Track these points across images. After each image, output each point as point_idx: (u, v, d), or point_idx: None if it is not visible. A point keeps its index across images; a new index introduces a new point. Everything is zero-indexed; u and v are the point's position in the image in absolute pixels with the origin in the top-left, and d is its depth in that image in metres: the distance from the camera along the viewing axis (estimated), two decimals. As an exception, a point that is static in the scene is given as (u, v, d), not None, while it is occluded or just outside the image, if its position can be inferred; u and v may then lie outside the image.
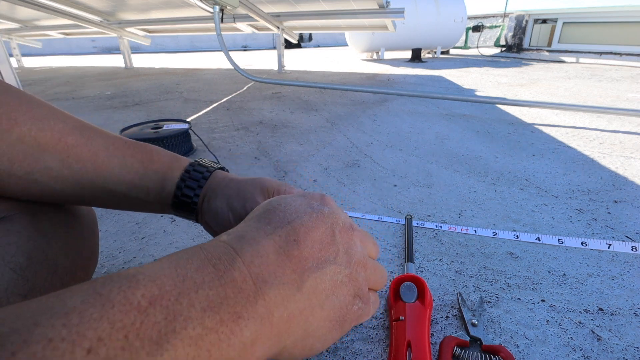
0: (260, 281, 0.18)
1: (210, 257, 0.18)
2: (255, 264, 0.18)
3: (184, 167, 0.31)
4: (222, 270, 0.17)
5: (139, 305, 0.14)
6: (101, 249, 0.54)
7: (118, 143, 0.29)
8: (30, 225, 0.27)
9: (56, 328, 0.12)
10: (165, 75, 2.82)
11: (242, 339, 0.17)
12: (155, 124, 0.99)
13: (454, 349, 0.35)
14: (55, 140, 0.26)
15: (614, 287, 0.45)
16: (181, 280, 0.16)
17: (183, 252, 0.18)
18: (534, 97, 1.74)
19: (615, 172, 0.81)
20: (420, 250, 0.53)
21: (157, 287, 0.15)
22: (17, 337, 0.12)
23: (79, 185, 0.28)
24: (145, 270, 0.16)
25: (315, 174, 0.83)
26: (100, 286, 0.14)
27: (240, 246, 0.19)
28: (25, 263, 0.25)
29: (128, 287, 0.14)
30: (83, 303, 0.13)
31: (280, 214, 0.22)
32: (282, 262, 0.19)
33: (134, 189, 0.30)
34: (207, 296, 0.16)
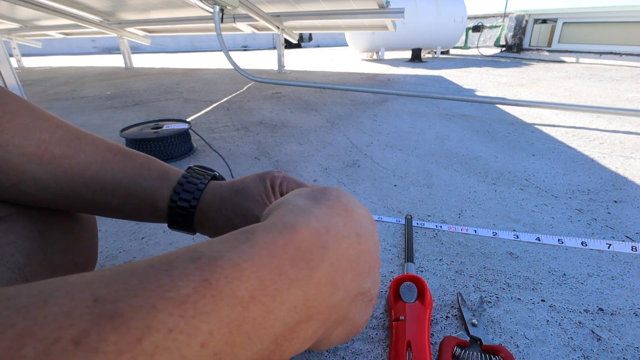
0: (334, 287, 0.19)
1: (303, 248, 0.17)
2: (334, 267, 0.19)
3: (173, 187, 0.30)
4: (313, 268, 0.17)
5: (242, 299, 0.14)
6: (101, 249, 0.54)
7: (107, 156, 0.28)
8: (28, 224, 0.27)
9: (174, 318, 0.12)
10: (165, 75, 2.82)
11: (306, 337, 0.18)
12: (155, 124, 0.99)
13: (454, 349, 0.35)
14: (41, 151, 0.26)
15: (614, 287, 0.45)
16: (278, 274, 0.16)
17: (277, 232, 0.17)
18: (534, 97, 1.74)
19: (615, 172, 0.81)
20: (420, 250, 0.53)
21: (259, 280, 0.15)
22: (141, 322, 0.12)
23: (69, 197, 0.28)
24: (246, 255, 0.16)
25: (315, 174, 0.83)
26: (207, 271, 0.14)
27: (328, 243, 0.19)
28: (23, 262, 0.25)
29: (234, 277, 0.14)
30: (195, 292, 0.13)
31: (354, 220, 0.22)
32: (348, 271, 0.20)
33: (124, 204, 0.29)
34: (296, 296, 0.16)
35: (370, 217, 0.24)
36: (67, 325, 0.11)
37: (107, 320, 0.11)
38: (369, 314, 0.24)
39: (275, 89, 2.06)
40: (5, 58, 0.96)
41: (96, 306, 0.11)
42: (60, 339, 0.10)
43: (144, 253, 0.53)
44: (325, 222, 0.20)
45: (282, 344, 0.16)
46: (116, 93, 2.00)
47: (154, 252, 0.53)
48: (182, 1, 2.17)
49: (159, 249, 0.54)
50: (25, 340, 0.10)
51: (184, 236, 0.57)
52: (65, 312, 0.11)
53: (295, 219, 0.19)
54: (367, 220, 0.23)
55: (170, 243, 0.55)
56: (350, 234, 0.21)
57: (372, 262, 0.23)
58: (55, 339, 0.10)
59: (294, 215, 0.19)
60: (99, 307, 0.11)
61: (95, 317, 0.11)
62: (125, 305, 0.12)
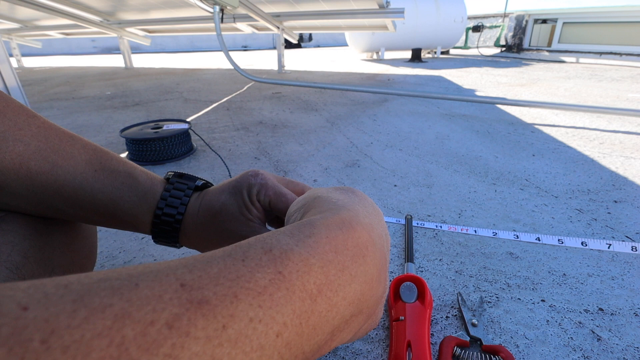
0: (379, 281, 0.19)
1: (360, 245, 0.18)
2: (378, 262, 0.19)
3: (154, 212, 0.29)
4: (368, 264, 0.18)
5: (311, 293, 0.15)
6: (101, 249, 0.54)
7: (86, 173, 0.27)
8: (26, 224, 0.27)
9: (254, 308, 0.13)
10: (165, 75, 2.82)
11: (357, 327, 0.19)
12: (155, 124, 0.99)
13: (454, 349, 0.35)
14: (16, 165, 0.25)
15: (614, 287, 0.45)
16: (341, 269, 0.17)
17: (337, 229, 0.18)
18: (534, 97, 1.74)
19: (615, 172, 0.81)
20: (420, 250, 0.53)
21: (325, 275, 0.16)
22: (225, 310, 0.12)
23: (50, 209, 0.28)
24: (313, 250, 0.16)
25: (315, 174, 0.82)
26: (280, 264, 0.15)
27: (374, 239, 0.19)
28: (21, 262, 0.25)
29: (304, 271, 0.15)
30: (271, 284, 0.14)
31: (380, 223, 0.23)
32: (385, 264, 0.21)
33: (105, 220, 0.29)
34: (355, 291, 0.17)
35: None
36: (160, 308, 0.11)
37: (195, 307, 0.12)
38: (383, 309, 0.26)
39: (275, 89, 2.06)
40: (5, 58, 0.96)
41: (184, 291, 0.12)
42: (155, 321, 0.11)
43: (143, 253, 0.53)
44: (369, 219, 0.21)
45: (336, 335, 0.17)
46: (116, 93, 2.00)
47: (154, 252, 0.53)
48: (182, 1, 2.17)
49: (159, 248, 0.54)
50: (124, 320, 0.10)
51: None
52: (156, 296, 0.11)
53: (349, 214, 0.19)
54: (382, 216, 0.24)
55: (170, 243, 0.55)
56: (383, 232, 0.22)
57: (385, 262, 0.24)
58: (151, 321, 0.11)
59: (345, 211, 0.20)
60: (187, 292, 0.12)
61: (184, 302, 0.12)
62: (210, 292, 0.12)
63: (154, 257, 0.52)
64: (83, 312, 0.10)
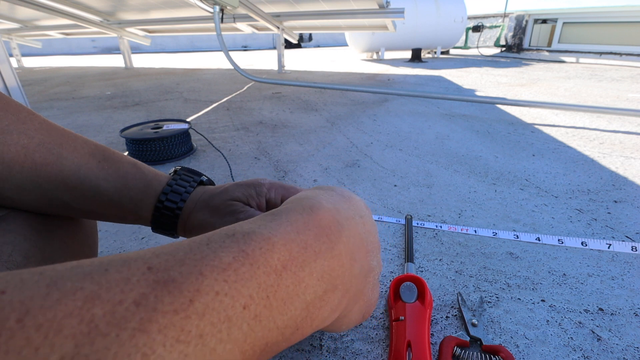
0: (353, 259, 0.21)
1: (322, 226, 0.19)
2: (350, 242, 0.21)
3: (156, 200, 0.29)
4: (334, 242, 0.19)
5: (276, 268, 0.16)
6: (101, 249, 0.54)
7: (90, 164, 0.28)
8: (26, 224, 0.27)
9: (219, 282, 0.14)
10: (165, 75, 2.82)
11: (332, 306, 0.19)
12: (155, 124, 0.99)
13: (454, 349, 0.35)
14: (21, 157, 0.25)
15: (614, 287, 0.45)
16: (304, 247, 0.18)
17: (297, 214, 0.19)
18: (534, 97, 1.74)
19: (615, 172, 0.81)
20: (420, 250, 0.53)
21: (288, 252, 0.17)
22: (191, 286, 0.13)
23: (52, 204, 0.28)
24: (274, 231, 0.17)
25: (315, 174, 0.83)
26: (243, 244, 0.16)
27: (342, 220, 0.21)
28: (22, 262, 0.25)
29: (267, 249, 0.16)
30: (235, 260, 0.15)
31: (355, 204, 0.24)
32: (361, 245, 0.22)
33: (109, 212, 0.29)
34: (322, 266, 0.18)
35: (365, 204, 0.26)
36: (127, 289, 0.12)
37: (162, 285, 0.13)
38: (377, 294, 0.27)
39: (275, 89, 2.06)
40: (5, 58, 0.96)
41: (151, 273, 0.13)
42: (123, 301, 0.12)
43: (143, 253, 0.53)
44: (334, 204, 0.22)
45: (313, 312, 0.18)
46: (116, 93, 2.00)
47: (154, 252, 0.53)
48: (182, 1, 2.17)
49: (159, 249, 0.54)
50: (94, 301, 0.11)
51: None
52: (124, 278, 0.12)
53: (311, 202, 0.21)
54: (364, 206, 0.25)
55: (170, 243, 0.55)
56: (355, 215, 0.23)
57: (375, 243, 0.25)
58: (119, 300, 0.12)
59: (308, 200, 0.21)
60: (153, 274, 0.13)
61: (151, 282, 0.13)
62: (176, 272, 0.13)
63: (154, 257, 0.52)
64: (56, 294, 0.11)
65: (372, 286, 0.25)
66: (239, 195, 0.29)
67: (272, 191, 0.31)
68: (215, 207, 0.29)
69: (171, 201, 0.29)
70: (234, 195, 0.29)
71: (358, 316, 0.25)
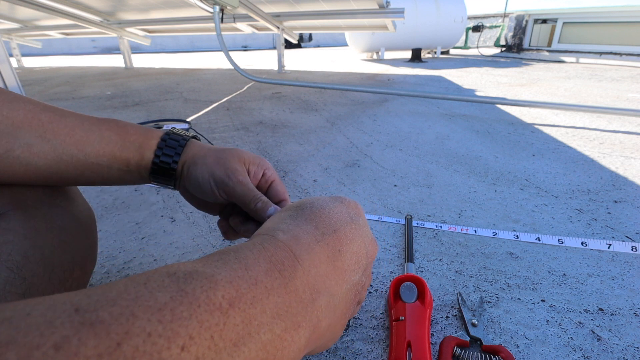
0: (315, 291, 0.19)
1: (274, 261, 0.18)
2: (311, 274, 0.19)
3: (160, 137, 0.32)
4: (287, 278, 0.18)
5: (220, 306, 0.15)
6: (101, 248, 0.54)
7: (92, 120, 0.30)
8: (26, 223, 0.27)
9: (152, 323, 0.13)
10: (165, 75, 2.82)
11: (299, 346, 0.18)
12: (155, 124, 0.99)
13: (454, 349, 0.35)
14: (29, 118, 0.27)
15: (614, 287, 0.45)
16: (254, 283, 0.17)
17: (247, 250, 0.19)
18: (534, 97, 1.74)
19: (615, 172, 0.81)
20: (420, 250, 0.53)
21: (235, 289, 0.16)
22: (120, 328, 0.12)
23: (61, 161, 0.28)
24: (219, 269, 0.16)
25: (315, 174, 0.83)
26: (183, 283, 0.15)
27: (299, 252, 0.20)
28: (21, 261, 0.25)
29: (209, 287, 0.15)
30: (172, 300, 0.14)
31: (326, 220, 0.23)
32: (329, 273, 0.21)
33: (114, 160, 0.30)
34: (276, 303, 0.17)
35: (348, 211, 0.25)
36: (48, 332, 0.11)
37: (87, 327, 0.12)
38: (363, 297, 0.26)
39: (275, 89, 2.06)
40: (5, 58, 0.96)
41: (77, 315, 0.12)
42: (42, 344, 0.11)
43: (144, 253, 0.53)
44: (293, 232, 0.21)
45: (274, 354, 0.16)
46: (116, 93, 2.00)
47: (154, 252, 0.53)
48: (182, 1, 2.17)
49: (159, 249, 0.54)
50: (8, 346, 0.11)
51: (184, 236, 0.57)
52: (47, 321, 0.12)
53: (262, 238, 0.20)
54: (344, 215, 0.24)
55: (170, 243, 0.55)
56: (325, 234, 0.21)
57: (359, 251, 0.23)
58: (37, 344, 0.11)
59: (259, 238, 0.20)
60: (80, 315, 0.12)
61: (76, 324, 0.12)
62: (105, 313, 0.12)
63: (154, 257, 0.52)
64: None
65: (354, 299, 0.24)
66: (241, 157, 0.31)
67: (267, 173, 0.33)
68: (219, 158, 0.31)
69: (173, 140, 0.32)
70: (237, 155, 0.31)
71: (341, 329, 0.24)
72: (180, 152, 0.32)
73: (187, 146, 0.32)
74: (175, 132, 0.33)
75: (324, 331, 0.21)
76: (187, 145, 0.32)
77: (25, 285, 0.25)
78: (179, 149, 0.32)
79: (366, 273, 0.24)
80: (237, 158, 0.31)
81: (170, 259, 0.51)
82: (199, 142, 0.34)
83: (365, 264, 0.24)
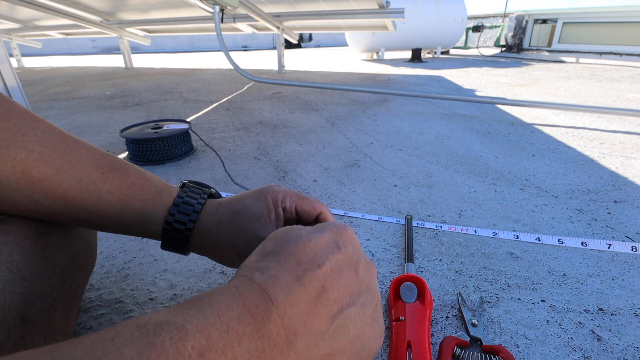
0: (292, 333, 0.19)
1: (248, 305, 0.18)
2: (288, 315, 0.19)
3: (171, 203, 0.29)
4: (260, 322, 0.18)
5: (189, 357, 0.14)
6: (101, 249, 0.54)
7: (93, 176, 0.27)
8: (26, 224, 0.27)
9: None
10: (165, 75, 2.82)
11: None
12: (155, 124, 0.99)
13: (454, 349, 0.35)
14: (17, 174, 0.24)
15: (614, 287, 0.45)
16: (225, 330, 0.16)
17: (222, 295, 0.18)
18: (534, 97, 1.74)
19: (615, 172, 0.81)
20: (420, 250, 0.53)
21: (205, 338, 0.15)
22: None
23: (52, 216, 0.27)
24: (191, 317, 0.16)
25: (315, 174, 0.82)
26: (152, 336, 0.15)
27: (275, 294, 0.19)
28: (21, 262, 0.25)
29: (179, 338, 0.15)
30: (140, 355, 0.14)
31: (310, 254, 0.21)
32: (310, 311, 0.19)
33: (112, 223, 0.29)
34: (248, 349, 0.17)
35: (335, 239, 0.23)
36: None
37: None
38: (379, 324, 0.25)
39: (275, 89, 2.06)
40: (5, 58, 0.96)
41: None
42: None
43: (143, 253, 0.53)
44: (272, 272, 0.20)
45: None
46: (116, 93, 2.00)
47: (154, 252, 0.53)
48: (182, 1, 2.17)
49: (159, 249, 0.54)
50: None
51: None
52: None
53: (239, 281, 0.19)
54: (330, 246, 0.22)
55: (170, 243, 0.55)
56: (308, 270, 0.20)
57: (349, 282, 0.22)
58: None
59: (236, 280, 0.20)
60: None
61: None
62: None
63: (154, 257, 0.52)
64: None
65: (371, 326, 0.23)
66: (259, 211, 0.29)
67: (287, 199, 0.30)
68: (239, 228, 0.28)
69: (183, 212, 0.29)
70: (255, 211, 0.29)
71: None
72: (191, 227, 0.29)
73: (199, 217, 0.29)
74: (185, 201, 0.29)
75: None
76: (200, 215, 0.29)
77: (25, 285, 0.24)
78: (189, 224, 0.29)
79: (365, 299, 0.23)
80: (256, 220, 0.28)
81: (170, 259, 0.51)
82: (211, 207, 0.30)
83: (359, 290, 0.22)
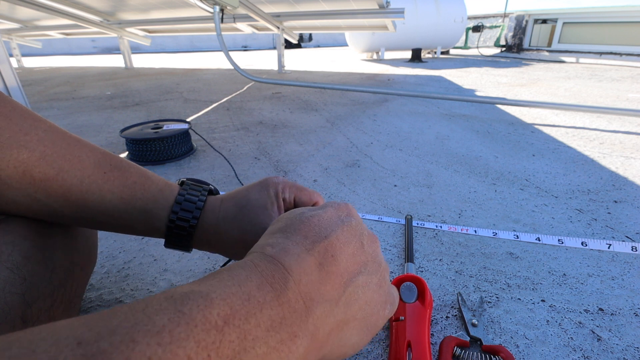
0: (309, 300, 0.19)
1: (266, 275, 0.19)
2: (303, 282, 0.20)
3: (173, 201, 0.29)
4: (279, 290, 0.18)
5: (216, 324, 0.15)
6: (101, 248, 0.54)
7: (95, 175, 0.27)
8: (26, 224, 0.27)
9: (152, 347, 0.13)
10: (165, 75, 2.82)
11: (297, 356, 0.18)
12: (155, 124, 0.99)
13: (454, 349, 0.35)
14: (18, 174, 0.24)
15: (614, 287, 0.45)
16: (247, 299, 0.17)
17: (239, 268, 0.19)
18: (534, 97, 1.74)
19: (615, 172, 0.81)
20: (420, 250, 0.53)
21: (229, 306, 0.16)
22: (121, 355, 0.13)
23: (52, 216, 0.27)
24: (214, 287, 0.17)
25: (315, 174, 0.82)
26: (180, 304, 0.15)
27: (288, 263, 0.20)
28: (21, 262, 0.25)
29: (205, 305, 0.16)
30: (170, 322, 0.14)
31: (315, 228, 0.22)
32: (323, 278, 0.21)
33: (115, 222, 0.29)
34: (269, 316, 0.17)
35: (338, 214, 0.24)
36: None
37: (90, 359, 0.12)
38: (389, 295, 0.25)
39: (275, 89, 2.06)
40: (5, 58, 0.96)
41: (79, 348, 0.13)
42: None
43: (144, 253, 0.53)
44: (282, 245, 0.21)
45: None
46: (116, 93, 2.00)
47: (154, 252, 0.53)
48: (182, 1, 2.17)
49: (159, 249, 0.54)
50: None
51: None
52: (52, 358, 0.12)
53: (252, 256, 0.20)
54: (334, 219, 0.23)
55: (170, 243, 0.55)
56: (316, 242, 0.21)
57: (356, 252, 0.23)
58: None
59: (250, 256, 0.21)
60: (82, 348, 0.13)
61: (79, 358, 0.12)
62: (106, 343, 0.13)
63: (154, 257, 0.52)
64: None
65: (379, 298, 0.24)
66: (263, 204, 0.30)
67: (286, 190, 0.31)
68: (246, 223, 0.29)
69: (186, 210, 0.29)
70: (259, 204, 0.30)
71: (358, 335, 0.23)
72: (195, 224, 0.29)
73: (203, 214, 0.30)
74: (187, 199, 0.29)
75: (326, 338, 0.21)
76: (203, 212, 0.30)
77: (26, 285, 0.25)
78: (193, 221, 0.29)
79: (371, 269, 0.24)
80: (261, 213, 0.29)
81: (170, 259, 0.51)
82: (214, 203, 0.31)
83: (365, 260, 0.23)
